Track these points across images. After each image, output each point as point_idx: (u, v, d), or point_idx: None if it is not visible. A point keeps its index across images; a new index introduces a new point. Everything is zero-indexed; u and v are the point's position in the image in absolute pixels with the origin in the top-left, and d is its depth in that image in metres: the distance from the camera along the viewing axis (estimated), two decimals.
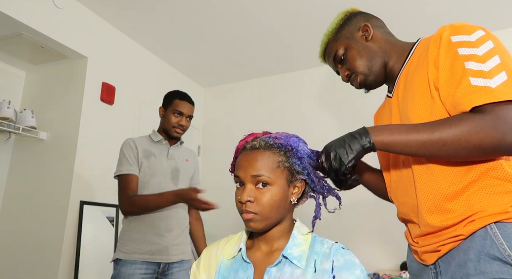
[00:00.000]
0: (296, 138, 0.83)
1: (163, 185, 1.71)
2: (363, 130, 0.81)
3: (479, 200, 0.78)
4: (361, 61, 1.02)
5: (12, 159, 2.51)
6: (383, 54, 1.02)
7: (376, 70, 1.02)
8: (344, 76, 1.07)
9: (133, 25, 2.69)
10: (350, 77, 1.06)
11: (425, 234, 0.88)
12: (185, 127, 1.81)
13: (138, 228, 1.64)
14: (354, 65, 1.02)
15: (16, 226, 2.35)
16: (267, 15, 2.54)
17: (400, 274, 2.34)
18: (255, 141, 0.81)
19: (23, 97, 2.63)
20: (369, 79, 1.03)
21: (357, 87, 1.06)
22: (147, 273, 1.60)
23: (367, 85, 1.04)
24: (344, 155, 0.79)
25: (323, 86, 3.27)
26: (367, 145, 0.78)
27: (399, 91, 0.97)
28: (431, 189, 0.84)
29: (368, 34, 1.02)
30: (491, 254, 0.73)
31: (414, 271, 0.98)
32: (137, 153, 1.69)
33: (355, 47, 1.02)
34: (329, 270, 0.73)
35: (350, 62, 1.03)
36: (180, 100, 1.80)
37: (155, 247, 1.63)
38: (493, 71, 0.75)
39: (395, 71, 1.01)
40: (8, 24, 2.08)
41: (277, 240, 0.81)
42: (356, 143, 0.79)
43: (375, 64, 1.01)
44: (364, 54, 1.02)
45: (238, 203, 0.78)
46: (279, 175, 0.77)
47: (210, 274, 0.83)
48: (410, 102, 0.89)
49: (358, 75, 1.03)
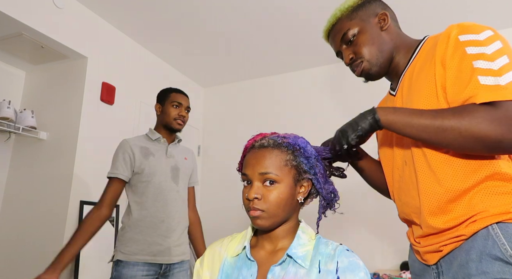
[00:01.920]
0: (304, 139, 0.85)
1: (164, 184, 1.69)
2: (371, 109, 0.85)
3: (481, 201, 0.78)
4: (371, 48, 0.97)
5: (12, 159, 2.51)
6: (393, 47, 0.99)
7: (382, 62, 0.99)
8: (347, 58, 1.01)
9: (133, 25, 2.69)
10: (353, 61, 1.01)
11: (427, 234, 0.87)
12: (186, 119, 1.81)
13: (140, 229, 1.62)
14: (362, 50, 0.98)
15: (16, 226, 2.34)
16: (268, 15, 2.54)
17: (400, 274, 2.34)
18: (263, 139, 0.82)
19: (23, 97, 2.62)
20: (373, 69, 0.99)
21: (357, 74, 1.02)
22: (149, 274, 1.59)
23: (369, 74, 1.01)
24: (350, 130, 0.84)
25: (323, 86, 3.27)
26: (371, 117, 0.82)
27: (404, 89, 0.96)
28: (434, 191, 0.84)
29: (384, 24, 0.98)
30: (493, 255, 0.73)
31: (416, 271, 0.98)
32: (132, 155, 1.66)
33: (369, 32, 0.97)
34: (333, 271, 0.73)
35: (359, 46, 0.98)
36: (176, 93, 1.82)
37: (158, 248, 1.61)
38: (502, 70, 0.74)
39: (400, 68, 0.99)
40: (8, 24, 2.07)
41: (282, 239, 0.81)
42: (363, 119, 0.84)
43: (383, 55, 0.98)
44: (376, 43, 0.97)
45: (245, 201, 0.79)
46: (286, 173, 0.78)
47: (213, 272, 0.83)
48: (416, 102, 0.88)
49: (364, 62, 0.99)
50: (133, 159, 1.66)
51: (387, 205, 1.29)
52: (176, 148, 1.84)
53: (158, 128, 1.82)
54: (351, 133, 0.84)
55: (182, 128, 1.81)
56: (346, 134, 0.85)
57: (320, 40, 1.11)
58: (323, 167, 0.86)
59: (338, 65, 3.23)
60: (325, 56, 3.12)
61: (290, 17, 2.56)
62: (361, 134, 0.83)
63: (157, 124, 1.83)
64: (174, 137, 1.85)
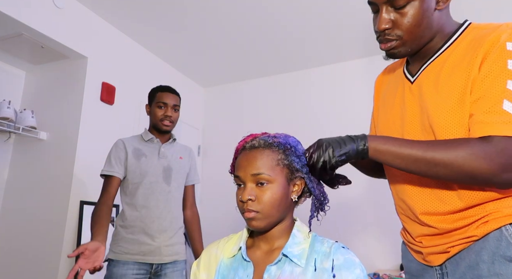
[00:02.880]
0: (294, 138, 0.84)
1: (155, 185, 1.69)
2: (361, 135, 0.80)
3: (492, 201, 0.76)
4: (414, 29, 0.82)
5: (12, 159, 2.51)
6: (436, 32, 0.85)
7: (415, 48, 0.86)
8: (382, 24, 0.83)
9: (133, 25, 2.69)
10: (387, 33, 0.84)
11: (432, 234, 0.84)
12: (173, 118, 1.78)
13: (131, 229, 1.63)
14: (405, 27, 0.82)
15: (16, 226, 2.35)
16: (268, 15, 2.54)
17: (400, 274, 2.34)
18: (254, 140, 0.81)
19: (23, 97, 2.62)
20: (403, 51, 0.85)
21: (383, 48, 0.87)
22: (139, 273, 1.60)
23: (395, 54, 0.87)
24: (337, 148, 0.77)
25: (323, 87, 3.27)
26: (361, 147, 0.77)
27: (429, 79, 0.85)
28: (453, 203, 0.80)
29: (442, 1, 0.83)
30: (507, 256, 0.72)
31: (412, 271, 0.95)
32: (125, 154, 1.67)
33: (423, 9, 0.80)
34: (329, 269, 0.73)
35: (406, 20, 0.81)
36: (161, 92, 1.80)
37: (147, 248, 1.62)
38: None
39: (429, 52, 0.87)
40: (8, 24, 2.08)
41: (278, 239, 0.81)
42: (351, 142, 0.78)
43: (421, 41, 0.84)
44: (423, 24, 0.81)
45: (239, 203, 0.78)
46: (278, 173, 0.77)
47: (210, 273, 0.83)
48: (440, 102, 0.80)
49: (398, 40, 0.84)
50: (126, 159, 1.68)
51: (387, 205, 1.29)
52: (171, 148, 1.82)
53: (150, 129, 1.82)
54: (337, 152, 0.76)
55: (170, 128, 1.79)
56: (328, 149, 0.77)
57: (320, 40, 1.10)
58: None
59: (339, 66, 3.23)
60: (325, 56, 3.12)
61: (290, 17, 2.55)
62: (344, 159, 0.77)
63: (149, 125, 1.84)
64: (168, 136, 1.84)
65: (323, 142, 0.79)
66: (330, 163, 0.77)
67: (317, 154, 0.78)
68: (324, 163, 0.77)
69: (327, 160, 0.77)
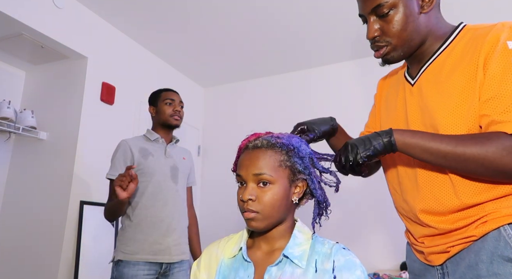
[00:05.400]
0: (298, 139, 0.84)
1: (163, 184, 1.70)
2: (388, 130, 0.81)
3: (491, 201, 0.77)
4: (402, 34, 0.85)
5: (12, 159, 2.51)
6: (426, 34, 0.87)
7: (407, 51, 0.88)
8: (371, 33, 0.88)
9: (133, 25, 2.69)
10: (376, 41, 0.89)
11: (433, 234, 0.85)
12: (181, 114, 1.84)
13: (140, 228, 1.62)
14: (392, 32, 0.85)
15: (16, 226, 2.35)
16: (268, 15, 2.54)
17: (400, 274, 2.34)
18: (257, 140, 0.81)
19: (23, 97, 2.62)
20: (395, 55, 0.89)
21: (376, 56, 0.91)
22: (150, 273, 1.59)
23: (389, 60, 0.91)
24: (361, 146, 0.80)
25: (323, 87, 3.27)
26: (386, 140, 0.79)
27: (428, 82, 0.87)
28: (450, 201, 0.81)
29: (427, 6, 0.85)
30: (505, 256, 0.72)
31: (415, 271, 0.96)
32: (131, 154, 1.67)
33: (406, 14, 0.83)
34: (330, 270, 0.73)
35: (391, 25, 0.85)
36: (166, 92, 1.85)
37: (158, 247, 1.62)
38: None
39: (426, 55, 0.89)
40: (8, 24, 2.07)
41: (278, 239, 0.81)
42: (377, 139, 0.80)
43: (411, 44, 0.87)
44: (410, 28, 0.84)
45: (239, 202, 0.78)
46: (280, 174, 0.77)
47: (210, 274, 0.83)
48: (442, 101, 0.81)
49: (388, 47, 0.88)
50: (133, 159, 1.67)
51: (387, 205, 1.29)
52: (174, 149, 1.85)
53: (155, 129, 1.83)
54: (361, 150, 0.79)
55: (179, 123, 1.84)
56: (355, 150, 0.80)
57: (321, 40, 1.11)
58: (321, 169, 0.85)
59: (339, 66, 3.23)
60: (326, 56, 3.12)
61: (290, 17, 2.55)
62: (371, 154, 0.79)
63: (154, 125, 1.84)
64: (171, 137, 1.86)
65: (349, 143, 0.82)
66: (356, 161, 0.80)
67: (344, 155, 0.81)
68: (351, 162, 0.80)
69: (353, 159, 0.80)
